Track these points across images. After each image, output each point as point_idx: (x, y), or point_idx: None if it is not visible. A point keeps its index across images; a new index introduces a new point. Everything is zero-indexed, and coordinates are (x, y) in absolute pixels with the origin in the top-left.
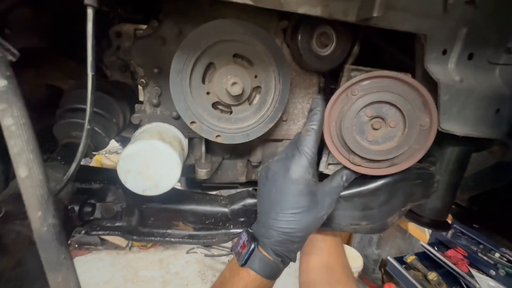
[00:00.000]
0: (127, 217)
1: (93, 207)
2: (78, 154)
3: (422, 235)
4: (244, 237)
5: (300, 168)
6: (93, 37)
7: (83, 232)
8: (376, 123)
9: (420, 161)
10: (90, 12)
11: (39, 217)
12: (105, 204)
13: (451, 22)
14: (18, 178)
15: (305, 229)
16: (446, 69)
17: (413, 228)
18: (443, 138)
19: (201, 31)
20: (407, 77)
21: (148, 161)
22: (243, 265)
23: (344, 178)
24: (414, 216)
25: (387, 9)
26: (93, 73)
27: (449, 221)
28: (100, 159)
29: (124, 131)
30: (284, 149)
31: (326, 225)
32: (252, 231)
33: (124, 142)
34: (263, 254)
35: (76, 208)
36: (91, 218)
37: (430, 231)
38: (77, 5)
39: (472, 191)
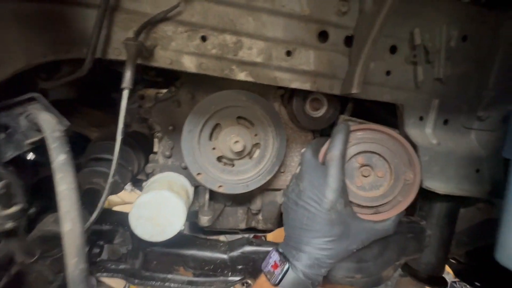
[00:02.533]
0: (131, 260)
1: (101, 248)
2: (100, 204)
3: None
4: (275, 256)
5: (333, 197)
6: (125, 111)
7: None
8: (365, 170)
9: (411, 216)
10: (125, 92)
11: (75, 262)
12: (112, 246)
13: (424, 95)
14: (63, 230)
15: (335, 256)
16: (424, 133)
17: None
18: (431, 194)
19: (211, 99)
20: (396, 134)
21: (157, 209)
22: (276, 284)
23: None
24: (411, 271)
25: (367, 84)
26: (122, 137)
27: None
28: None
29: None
30: (310, 175)
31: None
32: (282, 251)
33: (134, 182)
34: (296, 275)
35: (86, 249)
36: (97, 259)
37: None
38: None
39: (466, 246)
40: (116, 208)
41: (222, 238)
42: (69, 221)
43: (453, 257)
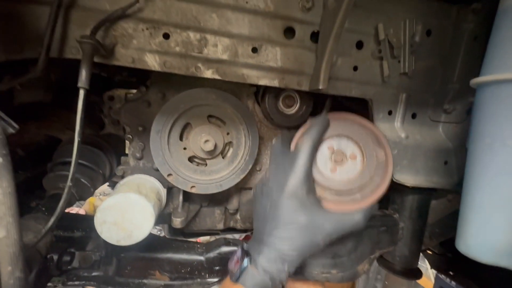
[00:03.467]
0: (104, 267)
1: (72, 256)
2: (57, 209)
3: (428, 282)
4: (238, 253)
5: (295, 182)
6: (83, 112)
7: (60, 283)
8: (337, 156)
9: (384, 209)
10: (81, 92)
11: (9, 271)
12: (83, 253)
13: (391, 89)
14: None
15: (298, 249)
16: (393, 127)
17: None
18: (403, 187)
19: (179, 98)
20: (360, 119)
21: (123, 213)
22: (236, 281)
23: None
24: (387, 264)
25: (335, 80)
26: (79, 139)
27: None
28: (93, 201)
29: (115, 177)
30: (277, 163)
31: (298, 273)
32: (246, 247)
33: (114, 185)
34: (254, 271)
35: (55, 257)
36: (69, 267)
37: (434, 278)
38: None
39: (439, 237)
40: None
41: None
42: (2, 227)
43: (428, 248)
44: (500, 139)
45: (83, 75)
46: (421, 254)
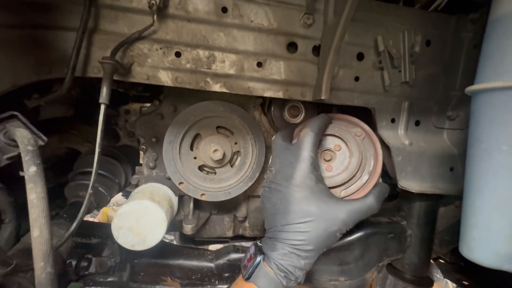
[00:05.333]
0: (119, 272)
1: (89, 261)
2: (79, 216)
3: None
4: (252, 250)
5: (302, 173)
6: (103, 125)
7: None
8: (326, 155)
9: (392, 216)
10: (102, 107)
11: (41, 266)
12: (100, 259)
13: (394, 98)
14: (32, 236)
15: (314, 241)
16: (397, 135)
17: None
18: (410, 194)
19: (190, 110)
20: (335, 114)
21: (138, 219)
22: (247, 279)
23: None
24: (396, 272)
25: (337, 90)
26: (99, 150)
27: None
28: (107, 211)
29: (129, 187)
30: (281, 157)
31: (306, 280)
32: (260, 244)
33: (128, 195)
34: (267, 269)
35: (74, 262)
36: (86, 272)
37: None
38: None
39: (449, 245)
40: None
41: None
42: (37, 227)
43: (440, 256)
44: (495, 144)
45: (104, 92)
46: (433, 263)
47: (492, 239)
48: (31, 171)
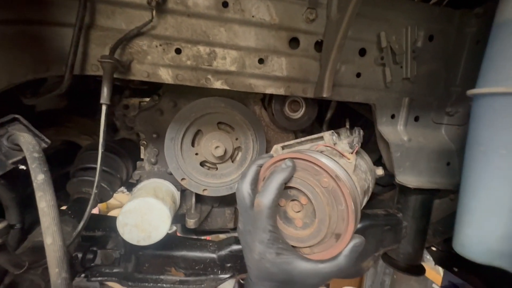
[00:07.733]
0: (124, 263)
1: (95, 254)
2: (85, 216)
3: (436, 276)
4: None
5: (261, 249)
6: (105, 125)
7: (83, 276)
8: (295, 206)
9: (388, 208)
10: (104, 108)
11: (56, 272)
12: (105, 251)
13: (394, 94)
14: (45, 244)
15: None
16: (396, 130)
17: (428, 269)
18: (406, 188)
19: (190, 107)
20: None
21: (143, 215)
22: None
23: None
24: (391, 260)
25: (339, 86)
26: (102, 150)
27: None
28: None
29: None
30: (243, 221)
31: None
32: (242, 282)
33: (128, 186)
34: None
35: (80, 255)
36: (92, 264)
37: (443, 273)
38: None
39: (442, 235)
40: (115, 211)
41: None
42: (49, 235)
43: (432, 245)
44: (494, 148)
45: (105, 92)
46: (426, 250)
47: (485, 237)
48: (39, 179)
